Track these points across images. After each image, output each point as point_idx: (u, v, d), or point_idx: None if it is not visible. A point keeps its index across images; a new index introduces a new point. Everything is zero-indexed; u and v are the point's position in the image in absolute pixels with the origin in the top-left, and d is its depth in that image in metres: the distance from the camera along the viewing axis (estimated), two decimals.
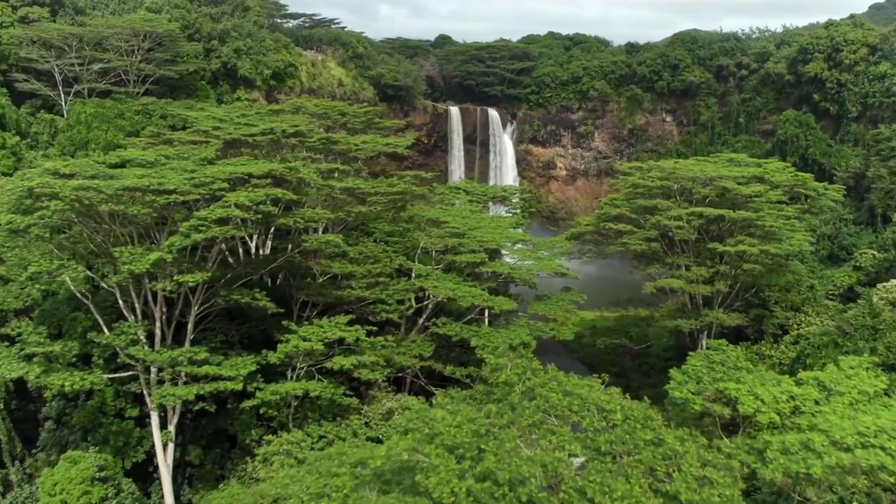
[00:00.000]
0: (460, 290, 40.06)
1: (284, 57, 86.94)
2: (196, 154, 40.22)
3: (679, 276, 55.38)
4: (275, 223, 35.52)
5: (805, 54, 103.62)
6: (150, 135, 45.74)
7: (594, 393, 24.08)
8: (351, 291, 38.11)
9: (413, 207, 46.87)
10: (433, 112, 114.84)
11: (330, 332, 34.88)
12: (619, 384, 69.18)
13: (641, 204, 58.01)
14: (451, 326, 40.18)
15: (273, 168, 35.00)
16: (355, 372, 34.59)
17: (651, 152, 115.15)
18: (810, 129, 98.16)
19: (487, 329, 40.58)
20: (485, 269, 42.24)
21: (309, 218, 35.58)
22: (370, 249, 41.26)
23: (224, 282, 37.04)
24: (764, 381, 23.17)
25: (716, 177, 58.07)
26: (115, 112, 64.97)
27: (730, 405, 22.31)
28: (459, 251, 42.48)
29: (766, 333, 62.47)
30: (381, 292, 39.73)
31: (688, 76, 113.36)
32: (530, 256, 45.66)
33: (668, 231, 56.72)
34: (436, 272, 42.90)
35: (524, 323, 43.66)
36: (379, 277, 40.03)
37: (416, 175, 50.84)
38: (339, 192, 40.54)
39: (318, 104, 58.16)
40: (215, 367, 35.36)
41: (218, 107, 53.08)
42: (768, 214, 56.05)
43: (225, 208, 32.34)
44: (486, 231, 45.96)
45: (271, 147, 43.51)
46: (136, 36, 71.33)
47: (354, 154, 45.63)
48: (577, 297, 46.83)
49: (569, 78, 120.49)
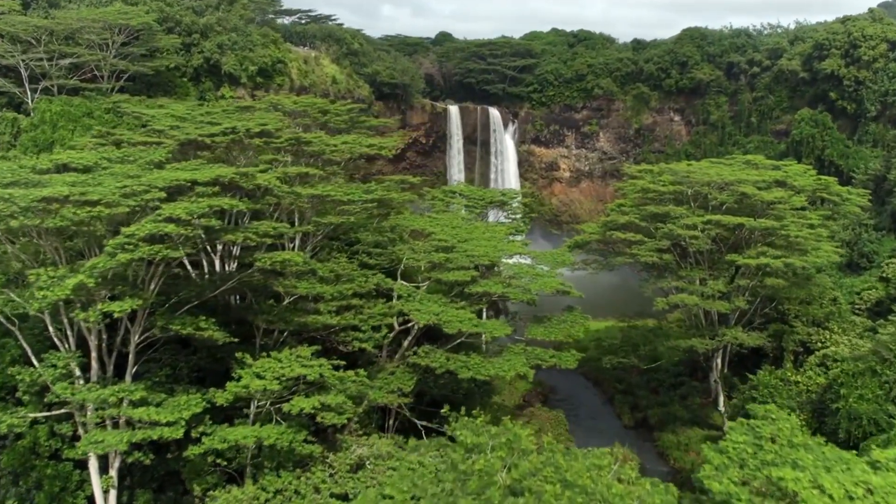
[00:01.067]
0: (446, 314, 34.00)
1: (272, 53, 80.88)
2: (145, 157, 34.27)
3: (693, 292, 49.28)
4: (221, 239, 29.52)
5: (821, 50, 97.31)
6: (97, 135, 39.77)
7: (604, 479, 17.96)
8: (317, 318, 32.08)
9: (396, 217, 40.84)
10: (432, 111, 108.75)
11: (288, 368, 28.88)
12: (626, 402, 63.75)
13: (652, 211, 51.93)
14: (435, 356, 34.09)
15: (221, 174, 29.01)
16: (318, 416, 28.56)
17: (658, 153, 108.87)
18: (827, 129, 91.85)
19: (478, 358, 34.50)
20: (475, 289, 36.19)
21: (264, 232, 29.55)
22: (342, 267, 35.19)
23: (169, 307, 31.12)
24: (829, 463, 17.28)
25: (734, 181, 51.92)
26: (83, 110, 59.15)
27: (786, 499, 16.35)
28: (447, 268, 36.44)
29: (787, 351, 56.31)
30: (353, 317, 33.69)
31: (697, 74, 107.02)
32: (528, 273, 39.54)
33: (681, 241, 50.66)
34: (420, 292, 36.88)
35: (521, 349, 37.54)
36: (352, 300, 33.99)
37: (401, 179, 44.87)
38: (305, 200, 34.60)
39: (297, 101, 52.11)
40: (154, 408, 29.45)
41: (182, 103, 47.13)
42: (792, 223, 49.91)
43: (156, 223, 26.41)
44: (479, 243, 39.91)
45: (233, 149, 37.54)
46: (108, 29, 65.52)
47: (329, 156, 39.57)
48: (581, 319, 40.72)
49: (573, 76, 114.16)
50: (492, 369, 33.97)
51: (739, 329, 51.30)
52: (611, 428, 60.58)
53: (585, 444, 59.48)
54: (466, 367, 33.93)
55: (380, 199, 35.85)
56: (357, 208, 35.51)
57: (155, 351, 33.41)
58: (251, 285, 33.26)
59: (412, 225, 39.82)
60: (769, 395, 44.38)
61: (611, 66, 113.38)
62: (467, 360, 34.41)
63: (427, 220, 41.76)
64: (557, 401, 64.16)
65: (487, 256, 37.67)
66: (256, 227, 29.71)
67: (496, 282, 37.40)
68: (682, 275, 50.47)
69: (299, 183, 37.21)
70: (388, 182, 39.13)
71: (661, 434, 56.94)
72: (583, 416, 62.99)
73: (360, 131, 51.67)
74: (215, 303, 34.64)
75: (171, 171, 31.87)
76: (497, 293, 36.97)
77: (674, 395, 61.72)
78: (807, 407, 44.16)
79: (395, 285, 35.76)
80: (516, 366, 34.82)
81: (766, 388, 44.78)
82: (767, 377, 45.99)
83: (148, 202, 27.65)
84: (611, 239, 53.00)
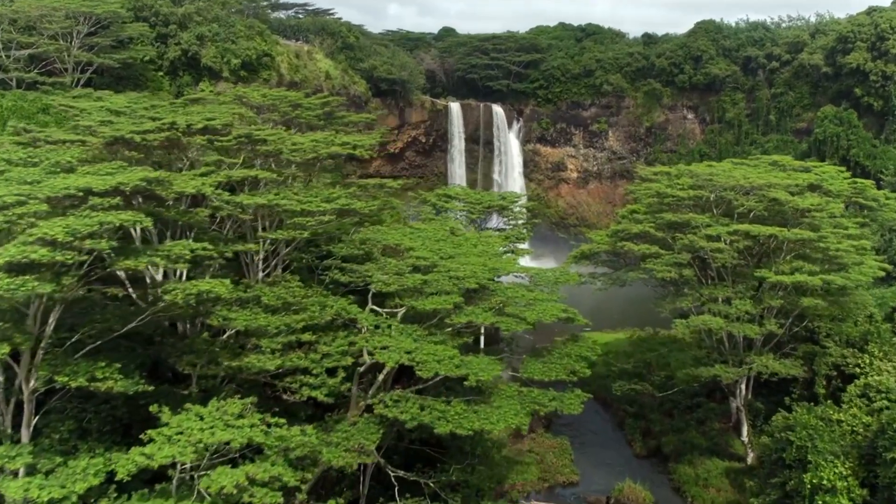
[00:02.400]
0: (421, 351, 26.85)
1: (258, 45, 73.85)
2: (54, 158, 27.32)
3: (717, 313, 41.94)
4: (116, 267, 22.46)
5: (845, 43, 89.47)
6: (12, 132, 32.85)
7: None
8: (256, 359, 24.99)
9: (368, 229, 33.66)
10: (432, 108, 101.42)
11: (208, 432, 21.81)
12: (638, 427, 55.61)
13: (669, 219, 44.61)
14: (406, 405, 26.88)
15: (121, 182, 21.97)
16: (243, 497, 21.47)
17: (671, 153, 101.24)
18: (852, 128, 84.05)
19: (460, 406, 27.25)
20: (458, 319, 29.00)
21: (178, 256, 22.53)
22: (293, 293, 28.06)
23: (70, 345, 24.16)
24: None
25: (763, 185, 44.55)
26: (38, 106, 52.38)
27: None
28: (424, 293, 29.28)
29: (819, 376, 48.82)
30: (302, 358, 26.63)
31: (712, 69, 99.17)
32: (524, 297, 32.27)
33: (702, 253, 43.36)
34: (394, 321, 29.72)
35: (514, 390, 30.35)
36: (303, 334, 26.91)
37: (378, 183, 37.80)
38: (251, 211, 27.62)
39: (265, 94, 45.08)
40: (39, 480, 22.51)
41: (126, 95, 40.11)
42: (831, 234, 42.51)
43: (21, 247, 19.45)
44: (467, 260, 32.74)
45: (169, 148, 30.51)
46: (71, 18, 58.83)
47: (289, 156, 32.48)
48: (587, 351, 33.44)
49: (580, 71, 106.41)
50: (476, 422, 26.75)
51: (770, 355, 43.93)
52: (620, 457, 53.46)
53: (592, 476, 52.55)
54: (445, 418, 26.72)
55: (341, 210, 28.84)
56: (312, 221, 28.39)
57: (61, 398, 26.50)
58: (179, 317, 26.24)
59: (385, 239, 32.62)
60: (808, 439, 37.01)
61: (621, 62, 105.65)
62: (446, 409, 27.19)
63: (405, 233, 34.51)
64: (562, 425, 56.81)
65: (475, 278, 30.44)
66: (168, 249, 22.65)
67: (484, 309, 30.19)
68: (704, 293, 43.11)
69: (248, 189, 30.21)
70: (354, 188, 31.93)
71: (677, 466, 49.77)
72: (590, 442, 55.78)
73: (337, 128, 44.60)
74: (152, 332, 27.73)
75: (80, 176, 24.94)
76: (486, 323, 29.79)
77: (690, 418, 54.28)
78: (853, 452, 36.85)
79: (360, 315, 28.59)
80: (507, 415, 27.60)
81: (805, 429, 37.40)
82: (805, 416, 38.57)
83: (21, 217, 20.72)
84: (622, 251, 45.76)
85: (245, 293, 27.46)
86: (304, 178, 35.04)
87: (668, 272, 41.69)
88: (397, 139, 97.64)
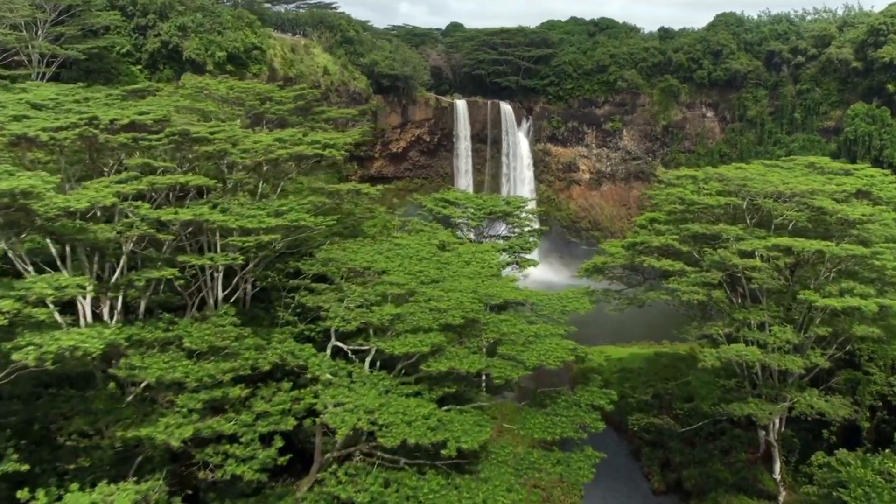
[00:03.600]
0: (387, 410, 20.35)
1: (247, 37, 67.46)
2: None
3: (752, 341, 35.09)
4: None
5: (877, 36, 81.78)
6: None
7: None
8: (159, 428, 18.48)
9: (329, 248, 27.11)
10: (437, 106, 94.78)
11: None
12: (656, 457, 47.75)
13: (696, 231, 37.79)
14: (366, 481, 20.35)
15: None
16: None
17: (688, 153, 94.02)
18: (886, 126, 76.86)
19: (436, 482, 20.74)
20: (435, 366, 22.39)
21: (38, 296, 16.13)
22: (224, 334, 21.52)
23: None
24: None
25: (806, 191, 37.64)
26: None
27: None
28: (395, 331, 22.73)
29: (863, 407, 42.15)
30: (229, 421, 20.11)
31: (732, 64, 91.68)
32: (524, 332, 25.60)
33: (735, 271, 36.53)
34: (355, 368, 23.17)
35: (509, 454, 23.72)
36: (232, 388, 20.41)
37: (353, 188, 31.21)
38: (177, 227, 21.25)
39: (232, 86, 38.71)
40: None
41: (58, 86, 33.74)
42: (888, 249, 35.52)
43: None
44: (456, 283, 26.22)
45: (87, 149, 24.15)
46: (35, 6, 52.77)
47: (238, 159, 26.02)
48: (601, 399, 26.72)
49: (593, 67, 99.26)
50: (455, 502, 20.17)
51: (813, 391, 37.03)
52: (637, 492, 46.92)
53: None
54: (416, 498, 20.14)
55: (289, 226, 22.40)
56: (251, 241, 21.92)
57: None
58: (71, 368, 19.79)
59: (352, 260, 26.01)
60: (865, 499, 30.20)
61: (636, 57, 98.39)
62: (418, 484, 20.60)
63: (380, 250, 27.88)
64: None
65: (461, 310, 23.84)
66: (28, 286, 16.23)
67: (471, 350, 23.55)
68: (737, 317, 36.23)
69: (175, 200, 23.83)
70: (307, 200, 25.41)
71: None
72: (602, 473, 48.58)
73: (314, 125, 38.10)
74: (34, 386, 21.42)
75: None
76: (471, 371, 23.10)
77: (713, 447, 47.40)
78: None
79: (311, 361, 22.05)
80: (497, 493, 20.96)
81: (860, 486, 30.62)
82: (860, 468, 31.75)
83: None
84: (641, 266, 39.01)
85: (166, 333, 20.97)
86: (273, 184, 28.58)
87: (695, 294, 34.87)
88: (400, 138, 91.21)
